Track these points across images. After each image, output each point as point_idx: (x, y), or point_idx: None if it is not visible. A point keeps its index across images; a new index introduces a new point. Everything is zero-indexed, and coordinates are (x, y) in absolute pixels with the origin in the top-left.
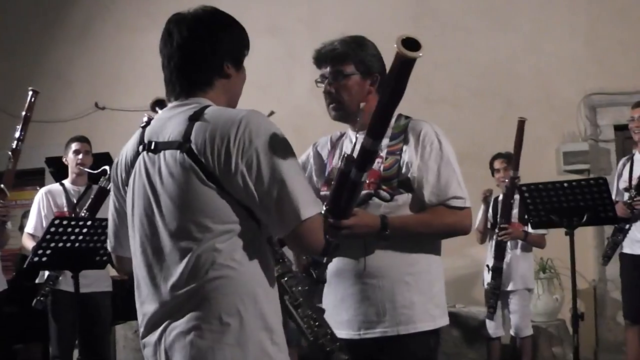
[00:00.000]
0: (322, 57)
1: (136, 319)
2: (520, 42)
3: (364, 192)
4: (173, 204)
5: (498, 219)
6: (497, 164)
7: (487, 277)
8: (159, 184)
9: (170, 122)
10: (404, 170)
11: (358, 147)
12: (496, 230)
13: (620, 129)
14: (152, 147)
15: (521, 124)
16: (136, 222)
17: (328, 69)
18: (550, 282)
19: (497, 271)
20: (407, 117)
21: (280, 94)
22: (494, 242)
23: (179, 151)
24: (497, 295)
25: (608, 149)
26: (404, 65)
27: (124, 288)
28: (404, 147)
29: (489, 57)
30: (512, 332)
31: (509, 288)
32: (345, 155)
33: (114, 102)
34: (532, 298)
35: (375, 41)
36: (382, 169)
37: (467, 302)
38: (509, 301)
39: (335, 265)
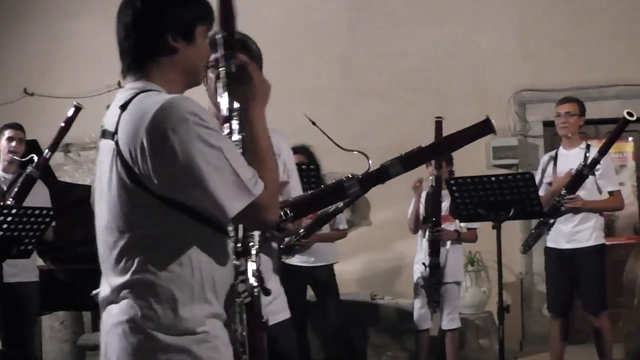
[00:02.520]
0: None
1: (63, 309)
2: (453, 36)
3: None
4: (104, 196)
5: (429, 215)
6: None
7: (417, 272)
8: (101, 172)
9: (112, 107)
10: None
11: None
12: (427, 230)
13: (549, 125)
14: (101, 134)
15: (438, 123)
16: (95, 207)
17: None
18: (478, 275)
19: (435, 267)
20: None
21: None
22: (426, 239)
23: (112, 141)
24: (438, 290)
25: (537, 145)
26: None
27: (51, 278)
28: None
29: (422, 51)
30: (440, 324)
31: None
32: None
33: (44, 89)
34: (461, 290)
35: (311, 31)
36: None
37: (395, 295)
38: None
39: None
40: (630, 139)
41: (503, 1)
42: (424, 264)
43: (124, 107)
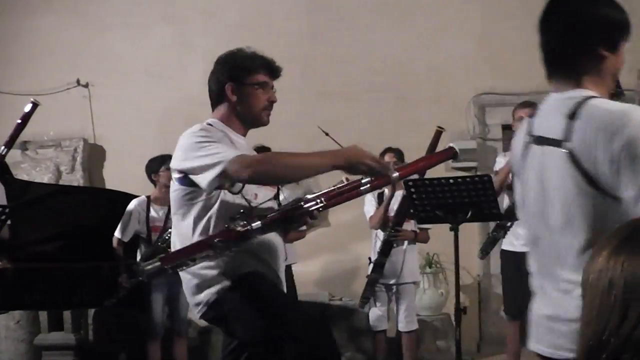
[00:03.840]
0: (278, 72)
1: (18, 309)
2: (414, 39)
3: None
4: (550, 199)
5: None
6: (387, 158)
7: (369, 269)
8: (545, 177)
9: (549, 115)
10: None
11: None
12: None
13: (508, 128)
14: (534, 140)
15: (438, 133)
16: (529, 210)
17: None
18: (436, 277)
19: (380, 265)
20: None
21: (173, 83)
22: (380, 238)
23: (559, 149)
24: (374, 288)
25: (495, 148)
26: None
27: (6, 277)
28: None
29: (383, 54)
30: (397, 326)
31: (396, 281)
32: None
33: (3, 85)
34: (418, 292)
35: (270, 34)
36: None
37: (352, 296)
38: (395, 295)
39: None
40: None
41: (464, 5)
42: (369, 258)
43: (572, 116)
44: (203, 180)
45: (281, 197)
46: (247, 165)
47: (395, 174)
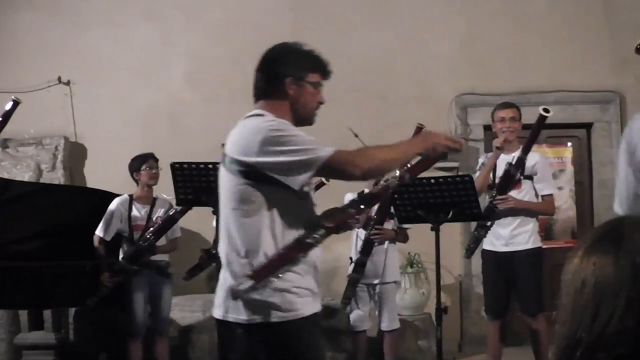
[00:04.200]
0: (330, 74)
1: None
2: (397, 39)
3: None
4: None
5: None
6: None
7: (350, 268)
8: None
9: None
10: None
11: None
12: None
13: (490, 128)
14: None
15: (418, 130)
16: None
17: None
18: (418, 277)
19: (361, 265)
20: None
21: (155, 81)
22: (361, 237)
23: None
24: (355, 288)
25: (477, 148)
26: None
27: None
28: None
29: (365, 53)
30: (379, 325)
31: (377, 281)
32: None
33: None
34: (399, 292)
35: (253, 32)
36: None
37: (333, 295)
38: (376, 294)
39: None
40: (569, 144)
41: (447, 5)
42: (350, 258)
43: None
44: (294, 178)
45: None
46: (355, 162)
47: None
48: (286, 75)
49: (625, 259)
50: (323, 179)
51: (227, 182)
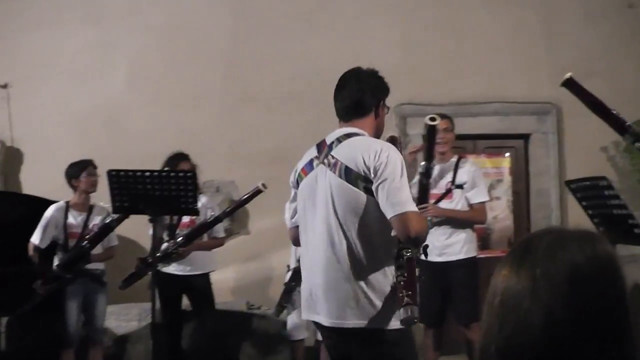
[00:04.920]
0: None
1: None
2: (337, 46)
3: None
4: None
5: None
6: None
7: (287, 276)
8: None
9: None
10: None
11: None
12: None
13: None
14: None
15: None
16: None
17: None
18: None
19: (299, 273)
20: None
21: (95, 85)
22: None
23: None
24: (291, 296)
25: (416, 158)
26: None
27: None
28: None
29: (305, 60)
30: (316, 335)
31: None
32: None
33: None
34: None
35: (193, 37)
36: None
37: (271, 304)
38: None
39: None
40: (507, 154)
41: (388, 13)
42: (288, 266)
43: None
44: (389, 208)
45: (199, 204)
46: (422, 227)
47: None
48: (380, 98)
49: (525, 271)
50: (260, 185)
51: (343, 192)
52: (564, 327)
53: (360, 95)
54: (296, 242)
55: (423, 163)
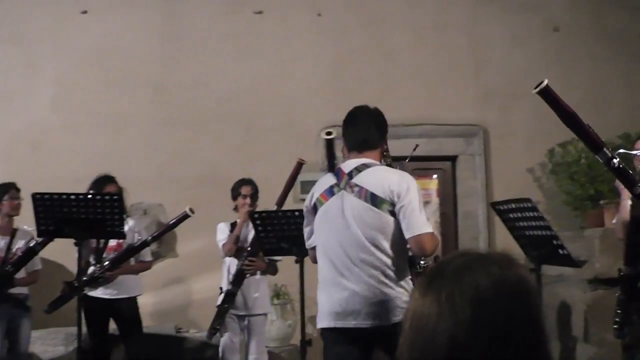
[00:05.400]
0: None
1: None
2: (266, 69)
3: None
4: None
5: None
6: (245, 190)
7: (220, 298)
8: None
9: None
10: None
11: None
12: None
13: None
14: None
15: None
16: None
17: None
18: (284, 308)
19: (231, 295)
20: None
21: (19, 106)
22: (232, 267)
23: None
24: (224, 318)
25: None
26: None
27: None
28: None
29: (234, 82)
30: (248, 358)
31: (247, 313)
32: None
33: None
34: (267, 323)
35: (120, 58)
36: None
37: (200, 328)
38: (246, 326)
39: None
40: (435, 176)
41: (317, 36)
42: (220, 288)
43: None
44: (407, 230)
45: (126, 228)
46: (435, 246)
47: None
48: (384, 134)
49: (432, 294)
50: (188, 210)
51: (368, 214)
52: (468, 349)
53: (371, 132)
54: (314, 260)
55: None
